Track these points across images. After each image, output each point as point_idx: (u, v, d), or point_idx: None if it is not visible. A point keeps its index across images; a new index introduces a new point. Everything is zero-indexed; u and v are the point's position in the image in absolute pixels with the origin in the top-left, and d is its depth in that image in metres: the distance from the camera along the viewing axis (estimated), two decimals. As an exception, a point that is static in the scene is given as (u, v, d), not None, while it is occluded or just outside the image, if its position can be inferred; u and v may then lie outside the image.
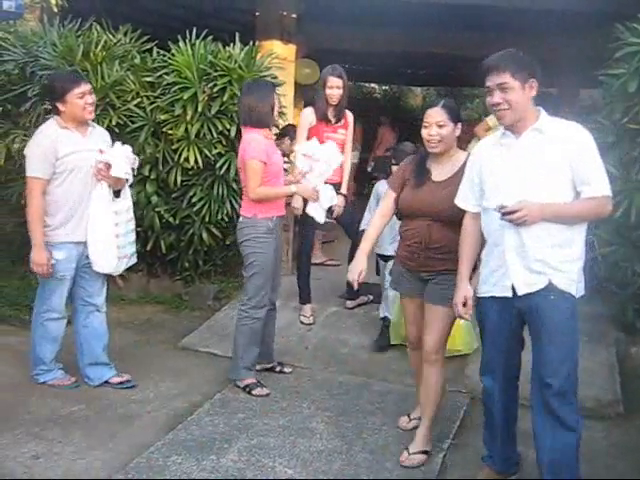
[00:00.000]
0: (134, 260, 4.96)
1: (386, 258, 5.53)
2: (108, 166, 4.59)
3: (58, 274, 4.65)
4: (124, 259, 4.82)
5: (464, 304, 3.65)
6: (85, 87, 4.61)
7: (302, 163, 5.07)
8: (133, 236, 4.90)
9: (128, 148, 4.78)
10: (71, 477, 3.78)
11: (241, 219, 4.89)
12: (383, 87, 17.93)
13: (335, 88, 5.93)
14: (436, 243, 3.93)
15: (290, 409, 4.65)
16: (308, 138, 5.82)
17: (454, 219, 3.77)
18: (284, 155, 5.97)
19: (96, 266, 4.74)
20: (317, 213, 5.17)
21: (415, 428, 4.24)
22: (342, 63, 6.46)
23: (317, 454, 4.08)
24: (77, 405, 4.60)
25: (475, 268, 3.71)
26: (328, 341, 5.78)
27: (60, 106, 4.57)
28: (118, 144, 4.79)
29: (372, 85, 17.81)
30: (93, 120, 4.79)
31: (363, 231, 4.73)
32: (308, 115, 5.99)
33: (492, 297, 3.52)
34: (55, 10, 5.18)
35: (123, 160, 4.64)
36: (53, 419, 4.40)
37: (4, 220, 8.01)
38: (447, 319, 3.94)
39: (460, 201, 3.71)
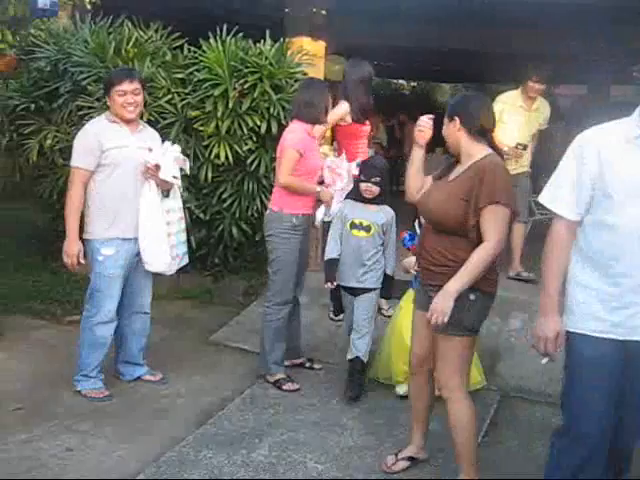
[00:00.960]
0: (186, 260, 4.91)
1: (354, 291, 4.85)
2: (157, 167, 4.57)
3: (107, 272, 4.58)
4: (177, 259, 4.80)
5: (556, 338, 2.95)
6: (128, 86, 4.59)
7: (327, 175, 5.08)
8: (184, 235, 4.88)
9: (177, 148, 4.79)
10: (104, 469, 3.82)
11: (268, 212, 4.94)
12: (411, 84, 17.87)
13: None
14: (427, 251, 3.54)
15: (320, 405, 4.66)
16: (347, 137, 5.91)
17: (445, 225, 3.44)
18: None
19: (149, 266, 4.71)
20: (319, 216, 5.13)
21: (403, 471, 3.85)
22: (370, 59, 6.44)
23: (348, 450, 4.09)
24: (109, 399, 4.64)
25: None
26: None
27: (109, 101, 4.65)
28: (168, 144, 4.81)
29: (400, 82, 17.75)
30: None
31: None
32: (343, 110, 5.90)
33: (609, 339, 2.87)
34: (88, 7, 5.22)
35: (171, 163, 4.64)
36: (85, 413, 4.44)
37: (36, 216, 8.12)
38: (454, 350, 3.48)
39: (553, 202, 2.99)
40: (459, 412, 3.54)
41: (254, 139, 6.19)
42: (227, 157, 6.14)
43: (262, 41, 6.44)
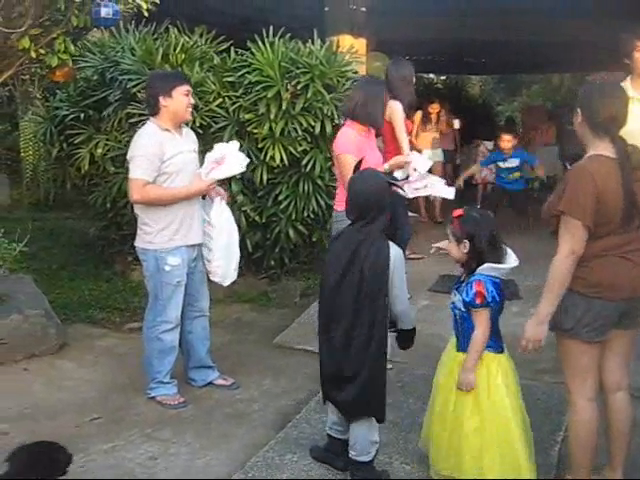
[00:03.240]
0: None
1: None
2: (218, 163, 4.55)
3: (175, 280, 4.55)
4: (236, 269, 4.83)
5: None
6: (189, 87, 4.59)
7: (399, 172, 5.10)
8: None
9: (236, 144, 4.75)
10: (192, 476, 3.82)
11: (334, 213, 4.92)
12: (441, 77, 17.81)
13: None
14: None
15: (396, 404, 4.61)
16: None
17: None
18: None
19: (217, 277, 4.73)
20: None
21: None
22: (407, 55, 6.48)
23: (432, 450, 4.04)
24: (184, 405, 4.64)
25: None
26: (422, 335, 5.68)
27: (163, 101, 4.47)
28: (222, 145, 4.78)
29: (431, 76, 17.71)
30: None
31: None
32: (401, 110, 5.91)
33: None
34: (145, 14, 5.24)
35: (235, 157, 4.62)
36: (163, 420, 4.45)
37: (88, 224, 8.17)
38: (566, 353, 3.45)
39: None
40: (573, 417, 3.49)
41: (308, 140, 6.19)
42: (282, 159, 6.13)
43: (310, 41, 6.43)
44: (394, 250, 3.61)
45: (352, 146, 4.76)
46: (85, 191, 7.34)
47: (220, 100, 6.36)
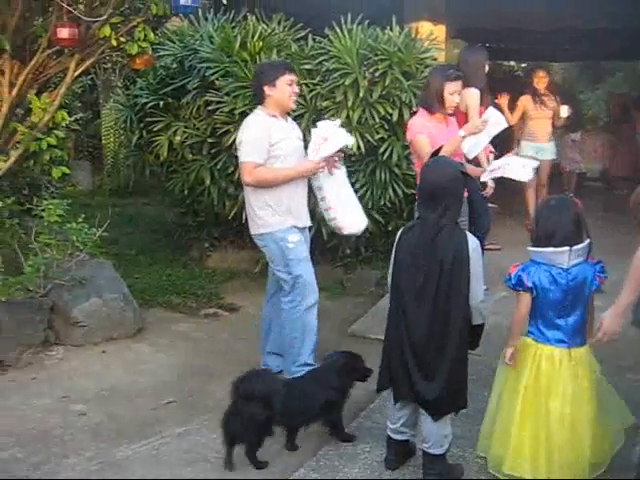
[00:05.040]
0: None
1: None
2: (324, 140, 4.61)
3: (302, 255, 4.61)
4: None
5: None
6: (294, 76, 4.65)
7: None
8: None
9: (337, 121, 4.82)
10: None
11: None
12: (522, 65, 17.44)
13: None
14: None
15: (472, 396, 4.48)
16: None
17: None
18: None
19: (352, 228, 4.83)
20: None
21: None
22: (485, 42, 6.37)
23: (507, 444, 3.96)
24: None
25: None
26: (500, 327, 5.60)
27: (267, 90, 4.56)
28: (322, 122, 4.85)
29: (511, 63, 17.36)
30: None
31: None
32: (478, 97, 5.84)
33: None
34: (224, 2, 5.26)
35: (339, 132, 4.67)
36: (237, 405, 4.47)
37: (166, 211, 8.30)
38: None
39: None
40: None
41: (386, 127, 6.13)
42: (359, 147, 6.08)
43: (388, 28, 6.36)
44: (472, 242, 3.52)
45: (421, 128, 4.86)
46: (163, 178, 7.45)
47: (298, 88, 6.33)
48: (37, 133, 5.23)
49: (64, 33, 4.83)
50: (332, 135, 4.61)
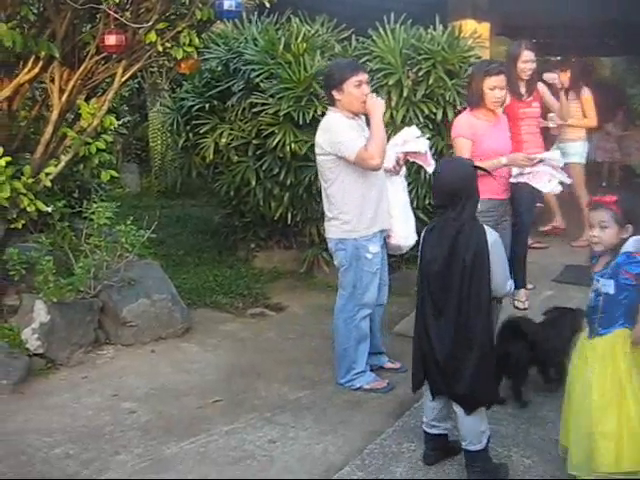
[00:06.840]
0: None
1: None
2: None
3: (374, 268, 4.60)
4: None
5: None
6: (363, 76, 4.51)
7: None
8: None
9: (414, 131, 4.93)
10: (309, 461, 3.88)
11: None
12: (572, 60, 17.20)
13: (529, 62, 5.87)
14: None
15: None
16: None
17: None
18: None
19: (400, 239, 4.85)
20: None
21: None
22: (532, 38, 6.29)
23: (553, 443, 3.91)
24: (303, 391, 4.70)
25: None
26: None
27: (336, 94, 4.48)
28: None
29: (558, 58, 17.12)
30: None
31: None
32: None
33: None
34: (267, 5, 5.31)
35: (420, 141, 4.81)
36: (282, 404, 4.53)
37: (212, 212, 8.39)
38: None
39: None
40: None
41: (430, 127, 6.11)
42: (404, 146, 6.08)
43: (432, 26, 6.35)
44: (490, 235, 3.57)
45: (465, 129, 4.82)
46: (210, 179, 7.53)
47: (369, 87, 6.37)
48: (86, 138, 5.34)
49: (111, 40, 4.92)
50: (413, 140, 4.75)
